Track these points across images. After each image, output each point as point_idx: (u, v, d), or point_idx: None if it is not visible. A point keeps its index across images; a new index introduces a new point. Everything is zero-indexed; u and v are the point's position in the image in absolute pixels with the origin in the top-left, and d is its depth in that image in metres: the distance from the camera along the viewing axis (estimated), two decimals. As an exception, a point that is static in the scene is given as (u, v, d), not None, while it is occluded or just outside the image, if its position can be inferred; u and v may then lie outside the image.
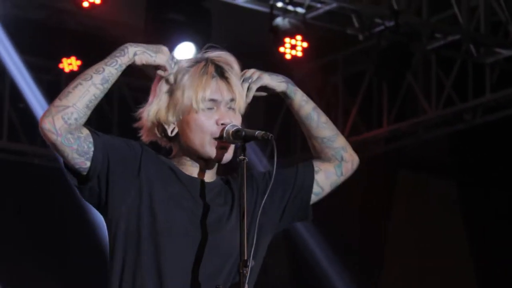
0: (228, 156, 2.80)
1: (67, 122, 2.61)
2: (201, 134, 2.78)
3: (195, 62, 2.84)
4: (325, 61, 9.20)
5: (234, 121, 2.79)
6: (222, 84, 2.80)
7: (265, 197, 2.68)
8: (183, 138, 2.81)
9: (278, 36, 7.33)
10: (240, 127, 2.77)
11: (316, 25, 7.64)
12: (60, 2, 7.82)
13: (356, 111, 9.29)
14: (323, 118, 2.91)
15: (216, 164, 2.85)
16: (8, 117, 8.70)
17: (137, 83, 8.83)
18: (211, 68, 2.80)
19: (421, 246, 9.29)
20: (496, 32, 8.05)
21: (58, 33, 8.41)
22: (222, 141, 2.77)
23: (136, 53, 2.70)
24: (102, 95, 2.67)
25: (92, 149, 2.68)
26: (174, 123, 2.80)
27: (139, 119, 2.84)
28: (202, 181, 2.82)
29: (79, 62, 8.80)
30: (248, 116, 2.88)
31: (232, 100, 2.81)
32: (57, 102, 2.63)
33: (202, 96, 2.77)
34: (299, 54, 7.38)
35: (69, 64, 8.77)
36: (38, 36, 8.17)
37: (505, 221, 8.65)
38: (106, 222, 2.78)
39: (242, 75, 2.82)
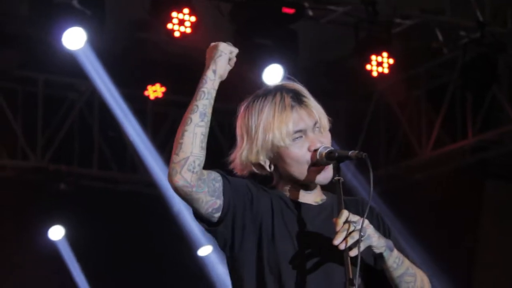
0: (328, 175, 2.85)
1: (193, 171, 2.70)
2: (298, 165, 2.83)
3: (269, 94, 2.87)
4: (408, 75, 9.18)
5: (325, 141, 2.84)
6: (302, 112, 2.84)
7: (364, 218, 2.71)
8: (281, 170, 2.87)
9: (364, 53, 7.35)
10: (332, 148, 2.82)
11: (401, 40, 7.65)
12: (143, 32, 7.97)
13: (440, 123, 9.25)
14: (410, 279, 2.86)
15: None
16: (98, 146, 8.87)
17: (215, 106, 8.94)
18: (288, 100, 2.84)
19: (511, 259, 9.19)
20: None
21: (142, 62, 8.56)
22: (319, 166, 2.82)
23: (215, 71, 2.76)
24: (208, 129, 2.74)
25: (219, 187, 2.76)
26: (268, 160, 2.86)
27: (231, 162, 2.90)
28: (312, 206, 2.88)
29: (163, 89, 8.95)
30: (331, 131, 2.91)
31: (316, 123, 2.85)
32: (175, 158, 2.70)
33: (287, 131, 2.81)
34: (386, 71, 7.38)
35: (154, 91, 8.92)
36: (123, 66, 8.32)
37: None
38: (228, 260, 2.86)
39: (346, 217, 2.72)
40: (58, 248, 8.83)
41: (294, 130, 2.81)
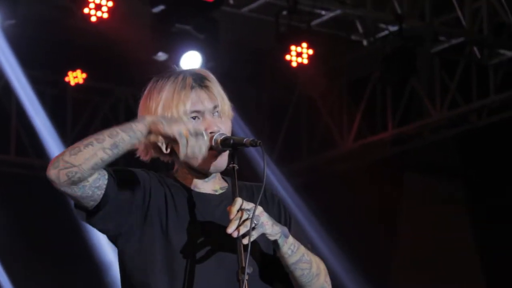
0: (221, 164, 2.80)
1: (70, 179, 2.63)
2: None
3: (172, 75, 2.82)
4: (329, 66, 9.24)
5: (222, 127, 2.80)
6: (202, 94, 2.79)
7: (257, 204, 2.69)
8: (177, 153, 2.79)
9: (284, 44, 7.37)
10: (228, 134, 2.79)
11: (321, 31, 7.69)
12: (65, 17, 7.86)
13: (361, 115, 9.34)
14: (305, 266, 2.84)
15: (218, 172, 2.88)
16: (16, 132, 8.75)
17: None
18: (189, 80, 2.79)
19: (429, 248, 9.33)
20: (499, 33, 8.11)
21: (63, 47, 8.45)
22: (213, 150, 2.78)
23: (154, 121, 2.67)
24: (110, 159, 2.65)
25: (97, 192, 2.69)
26: (166, 141, 2.80)
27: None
28: (212, 196, 2.85)
29: (84, 75, 8.85)
30: (253, 123, 2.87)
31: (216, 107, 2.81)
32: (66, 156, 2.62)
33: (184, 110, 2.76)
34: (305, 61, 7.42)
35: (75, 77, 8.82)
36: (43, 50, 8.20)
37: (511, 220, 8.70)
38: (118, 254, 2.82)
39: (240, 205, 2.69)
40: (-28, 234, 8.70)
41: (191, 110, 2.77)
